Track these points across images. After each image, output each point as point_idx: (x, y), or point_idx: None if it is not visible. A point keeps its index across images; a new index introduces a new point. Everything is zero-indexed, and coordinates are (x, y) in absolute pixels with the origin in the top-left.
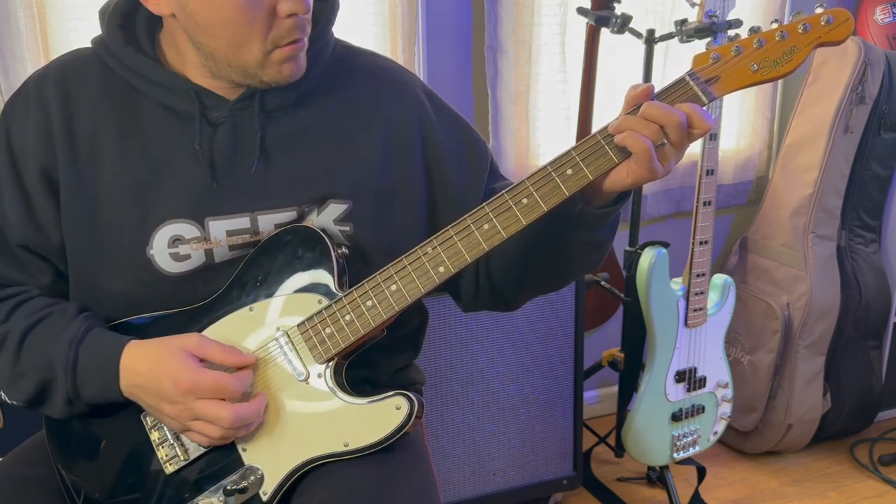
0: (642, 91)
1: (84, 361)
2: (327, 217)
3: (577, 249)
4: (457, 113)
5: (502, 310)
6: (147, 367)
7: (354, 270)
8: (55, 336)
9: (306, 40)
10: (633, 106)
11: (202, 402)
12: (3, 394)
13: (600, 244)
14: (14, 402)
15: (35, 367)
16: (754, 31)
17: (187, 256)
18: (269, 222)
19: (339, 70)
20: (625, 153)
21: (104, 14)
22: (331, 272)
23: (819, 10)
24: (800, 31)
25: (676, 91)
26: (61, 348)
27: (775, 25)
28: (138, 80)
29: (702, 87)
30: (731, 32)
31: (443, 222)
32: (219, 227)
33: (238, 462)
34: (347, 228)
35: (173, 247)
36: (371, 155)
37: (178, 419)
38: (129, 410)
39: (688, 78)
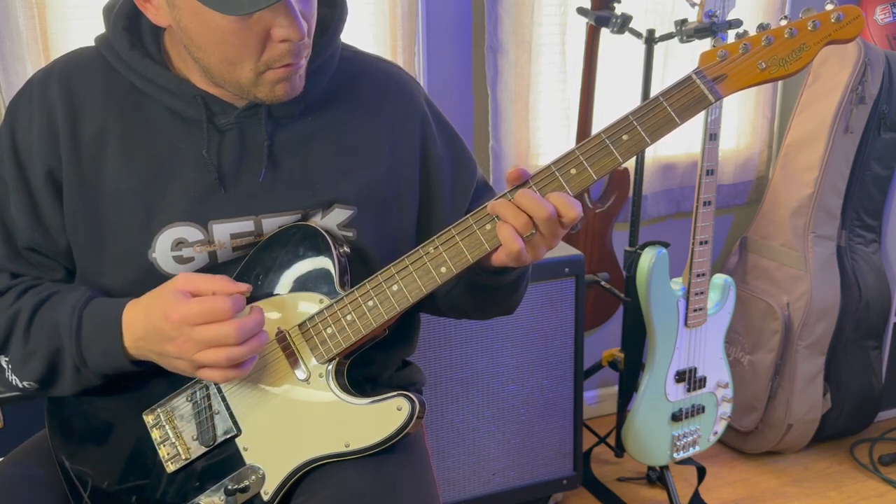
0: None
1: (87, 325)
2: (331, 221)
3: (481, 298)
4: (453, 128)
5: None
6: (143, 316)
7: (356, 275)
8: (59, 305)
9: (303, 62)
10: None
11: (200, 327)
12: (15, 378)
13: (498, 301)
14: (26, 385)
15: (44, 340)
16: (763, 27)
17: (190, 259)
18: (273, 225)
19: (345, 76)
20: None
21: (109, 13)
22: (332, 271)
23: (829, 7)
24: (809, 28)
25: (683, 90)
26: (65, 314)
27: (784, 22)
28: (144, 84)
29: (708, 85)
30: (734, 31)
31: (429, 234)
32: (223, 230)
33: (239, 461)
34: (351, 234)
35: (176, 250)
36: (377, 162)
37: (184, 355)
38: (131, 408)
39: (694, 76)
